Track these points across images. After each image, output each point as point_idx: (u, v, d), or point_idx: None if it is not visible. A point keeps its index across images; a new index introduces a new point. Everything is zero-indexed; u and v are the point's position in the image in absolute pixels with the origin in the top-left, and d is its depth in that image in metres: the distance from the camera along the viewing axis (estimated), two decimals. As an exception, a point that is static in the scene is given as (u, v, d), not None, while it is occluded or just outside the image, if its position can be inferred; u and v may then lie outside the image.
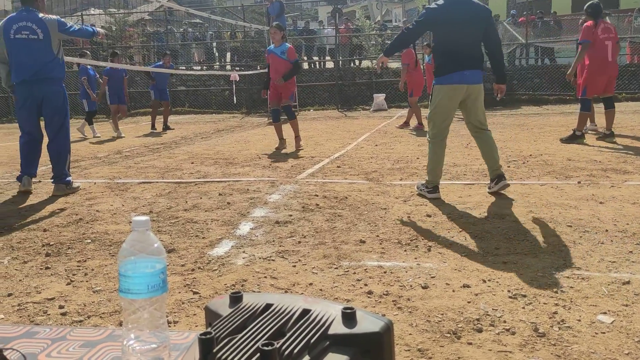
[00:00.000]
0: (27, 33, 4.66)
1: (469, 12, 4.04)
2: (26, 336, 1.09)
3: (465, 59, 4.05)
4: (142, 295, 0.91)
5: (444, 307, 2.24)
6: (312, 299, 0.93)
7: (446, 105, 4.14)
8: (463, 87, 4.07)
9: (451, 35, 4.06)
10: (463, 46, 4.04)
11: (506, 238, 3.16)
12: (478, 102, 4.17)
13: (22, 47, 4.68)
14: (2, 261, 3.00)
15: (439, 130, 4.21)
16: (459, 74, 4.05)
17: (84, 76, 10.28)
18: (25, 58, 4.69)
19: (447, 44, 4.09)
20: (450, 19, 4.03)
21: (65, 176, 4.90)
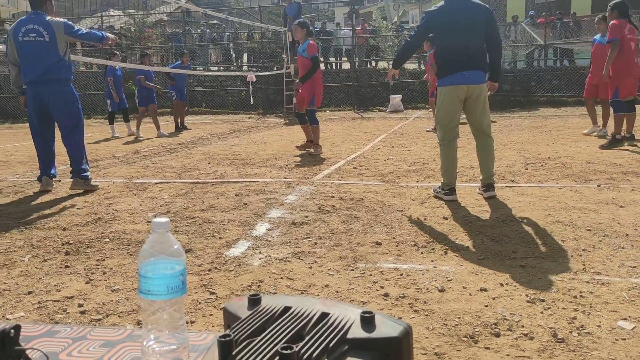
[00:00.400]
0: (34, 35, 4.76)
1: (469, 13, 4.06)
2: (47, 335, 1.10)
3: (466, 60, 4.08)
4: (161, 296, 0.92)
5: (460, 311, 2.23)
6: (331, 302, 0.93)
7: (449, 106, 4.17)
8: (463, 88, 4.10)
9: (451, 37, 4.08)
10: (463, 47, 4.06)
11: (524, 241, 3.13)
12: (478, 102, 4.16)
13: (30, 49, 4.78)
14: (23, 259, 3.04)
15: (446, 132, 4.23)
16: (459, 75, 4.09)
17: (110, 76, 10.38)
18: (32, 60, 4.80)
19: (447, 46, 4.12)
20: (450, 21, 4.07)
21: (84, 171, 4.98)
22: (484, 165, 4.24)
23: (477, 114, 4.18)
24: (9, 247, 3.29)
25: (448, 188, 4.21)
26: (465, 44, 4.05)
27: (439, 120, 4.28)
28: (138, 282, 0.91)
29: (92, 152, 7.99)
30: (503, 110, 12.93)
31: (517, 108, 13.77)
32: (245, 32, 19.54)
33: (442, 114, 4.22)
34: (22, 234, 3.57)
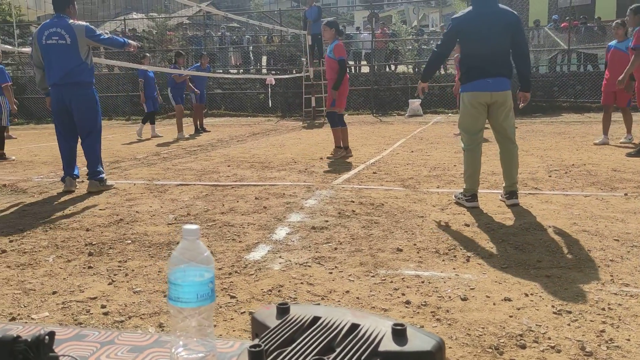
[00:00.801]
0: (57, 38, 4.85)
1: (496, 19, 4.02)
2: (76, 339, 1.10)
3: (490, 67, 4.04)
4: (191, 304, 0.91)
5: (484, 321, 2.19)
6: (361, 312, 0.92)
7: (472, 112, 4.13)
8: (487, 95, 4.07)
9: (477, 43, 4.04)
10: (489, 54, 4.02)
11: (549, 250, 3.08)
12: (502, 109, 4.11)
13: (53, 52, 4.87)
14: (48, 259, 3.08)
15: (470, 138, 4.19)
16: (483, 82, 4.06)
17: (141, 78, 10.49)
18: (55, 62, 4.89)
19: (473, 52, 4.08)
20: (475, 28, 4.03)
21: (99, 173, 5.08)
22: (508, 172, 4.19)
23: (500, 120, 4.13)
24: (34, 246, 3.33)
25: (470, 194, 4.17)
26: (491, 50, 4.02)
27: (462, 126, 4.25)
28: (168, 289, 0.91)
29: (113, 153, 8.09)
30: (525, 115, 12.78)
31: (539, 113, 13.59)
32: (265, 35, 19.63)
33: (466, 120, 4.19)
34: (47, 234, 3.61)
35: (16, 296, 2.54)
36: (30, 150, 9.02)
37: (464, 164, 4.28)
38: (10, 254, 3.20)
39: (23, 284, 2.69)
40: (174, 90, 10.59)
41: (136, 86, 17.30)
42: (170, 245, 3.31)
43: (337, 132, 7.04)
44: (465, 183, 4.23)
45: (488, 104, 4.10)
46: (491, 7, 4.05)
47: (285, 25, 19.34)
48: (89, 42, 4.94)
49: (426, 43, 18.47)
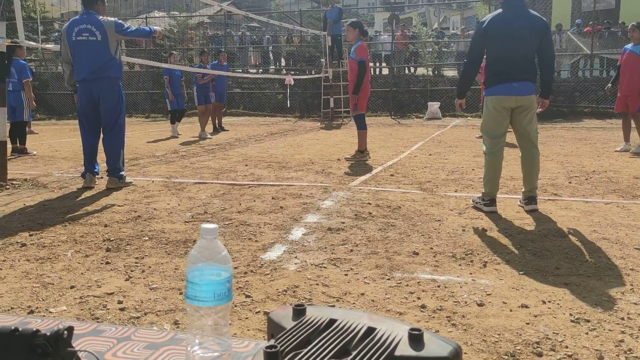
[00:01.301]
0: (87, 35, 4.92)
1: (523, 23, 3.97)
2: (93, 334, 1.11)
3: (516, 71, 4.00)
4: (208, 303, 0.92)
5: (500, 327, 2.17)
6: (377, 316, 0.91)
7: (495, 116, 4.09)
8: (512, 99, 4.02)
9: (503, 47, 4.00)
10: (514, 58, 3.99)
11: (568, 258, 3.04)
12: (527, 113, 4.07)
13: (83, 48, 4.94)
14: (66, 254, 3.12)
15: (492, 142, 4.16)
16: (508, 86, 4.01)
17: (166, 75, 10.57)
18: (85, 58, 4.96)
19: (499, 56, 4.04)
20: (503, 31, 3.98)
21: (119, 170, 5.14)
22: (528, 177, 4.14)
23: (524, 124, 4.09)
24: (54, 241, 3.38)
25: (489, 199, 4.13)
26: (519, 55, 3.98)
27: (485, 130, 4.21)
28: (185, 287, 0.92)
29: (133, 150, 8.17)
30: (545, 120, 12.63)
31: (560, 119, 13.43)
32: (285, 35, 19.68)
33: (489, 124, 4.15)
34: (66, 229, 3.66)
35: (35, 289, 2.57)
36: (51, 145, 9.15)
37: (484, 168, 4.24)
38: (30, 247, 3.25)
39: (42, 278, 2.73)
40: (199, 89, 10.66)
41: (156, 84, 17.53)
42: (187, 243, 3.33)
43: (364, 135, 6.97)
44: (484, 187, 4.20)
45: (512, 108, 4.05)
46: (520, 11, 4.01)
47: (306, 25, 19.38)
48: (118, 37, 5.02)
49: (446, 46, 18.37)
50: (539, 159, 4.20)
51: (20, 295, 2.50)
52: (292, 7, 39.99)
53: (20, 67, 8.12)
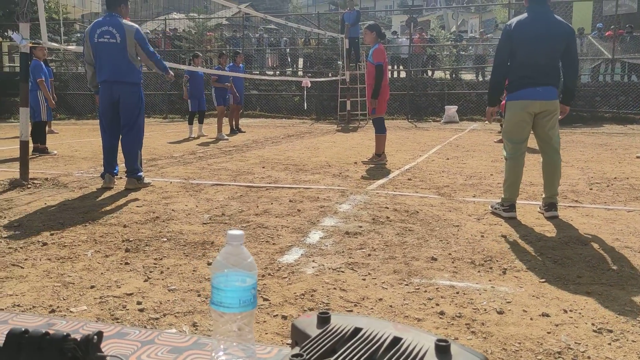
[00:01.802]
0: (108, 37, 4.98)
1: (549, 28, 3.93)
2: (117, 336, 1.12)
3: (540, 76, 3.95)
4: (233, 309, 0.92)
5: (521, 336, 2.14)
6: (403, 326, 0.90)
7: (518, 121, 4.04)
8: (536, 103, 3.98)
9: (528, 51, 3.95)
10: (539, 63, 3.94)
11: (589, 266, 2.99)
12: (550, 118, 4.02)
13: (103, 50, 5.01)
14: (86, 253, 3.15)
15: (514, 147, 4.11)
16: (532, 90, 3.97)
17: (186, 74, 10.65)
18: (106, 60, 5.03)
19: (524, 60, 3.98)
20: (530, 35, 3.93)
21: (137, 171, 5.19)
22: (549, 183, 4.09)
23: (547, 129, 4.04)
24: (74, 240, 3.42)
25: (508, 204, 4.09)
26: (544, 59, 3.94)
27: (507, 135, 4.16)
28: (211, 293, 0.92)
29: (151, 151, 8.24)
30: (565, 125, 12.48)
31: (580, 124, 13.27)
32: (302, 37, 19.72)
33: (511, 129, 4.11)
34: (86, 229, 3.70)
35: (56, 289, 2.60)
36: (71, 145, 9.27)
37: (505, 173, 4.20)
38: (51, 246, 3.29)
39: (63, 277, 2.76)
40: (217, 90, 10.71)
41: (174, 85, 17.66)
42: (205, 245, 3.35)
43: (382, 139, 6.94)
44: (504, 192, 4.15)
45: (536, 113, 4.01)
46: (546, 15, 3.96)
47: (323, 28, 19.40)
48: (136, 44, 5.04)
49: (464, 49, 18.25)
50: (561, 164, 4.14)
51: (42, 294, 2.53)
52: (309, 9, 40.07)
53: (33, 67, 8.09)
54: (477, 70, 17.20)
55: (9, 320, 1.13)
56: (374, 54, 6.71)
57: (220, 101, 10.77)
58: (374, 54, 6.71)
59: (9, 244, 3.32)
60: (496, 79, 4.19)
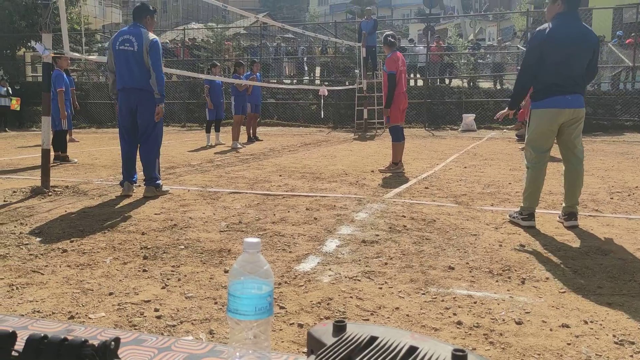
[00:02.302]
0: (127, 45, 5.06)
1: (580, 37, 3.87)
2: (134, 343, 1.13)
3: (570, 83, 3.90)
4: (249, 316, 0.92)
5: (540, 347, 2.11)
6: (419, 335, 0.90)
7: (545, 129, 3.98)
8: (565, 112, 3.92)
9: (559, 59, 3.87)
10: (571, 70, 3.88)
11: (610, 276, 2.94)
12: (576, 127, 3.98)
13: (122, 58, 5.09)
14: (105, 260, 3.19)
15: (537, 156, 4.04)
16: (562, 98, 3.90)
17: (207, 84, 10.79)
18: (124, 68, 5.10)
19: (553, 67, 3.90)
20: (562, 42, 3.86)
21: (155, 179, 5.23)
22: (571, 191, 4.02)
23: (572, 137, 3.99)
24: (93, 247, 3.46)
25: (527, 213, 4.03)
26: (575, 67, 3.88)
27: (532, 143, 4.06)
28: (227, 300, 0.92)
29: (169, 159, 8.32)
30: (585, 134, 12.26)
31: (600, 132, 13.09)
32: (320, 46, 19.81)
33: (537, 138, 4.02)
34: (105, 236, 3.75)
35: (75, 295, 2.63)
36: (91, 153, 9.40)
37: (525, 182, 4.12)
38: (71, 253, 3.34)
39: (82, 284, 2.79)
40: (237, 99, 10.80)
41: (192, 94, 17.86)
42: (222, 253, 3.36)
43: (397, 147, 6.92)
44: (523, 201, 4.10)
45: (564, 121, 3.94)
46: (577, 23, 3.91)
47: (340, 37, 19.47)
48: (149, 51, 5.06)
49: (482, 57, 18.16)
50: (583, 174, 4.08)
51: (61, 301, 2.56)
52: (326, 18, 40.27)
53: (54, 76, 8.16)
54: (495, 78, 17.09)
55: (28, 326, 1.15)
56: (387, 63, 6.77)
57: (239, 110, 10.85)
58: (387, 62, 6.77)
59: (30, 251, 3.38)
60: (524, 82, 4.09)
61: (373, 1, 35.54)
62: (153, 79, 5.08)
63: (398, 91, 6.70)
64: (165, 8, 48.96)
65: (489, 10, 35.26)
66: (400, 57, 6.83)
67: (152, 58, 5.05)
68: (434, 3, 19.98)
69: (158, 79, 5.11)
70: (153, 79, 5.09)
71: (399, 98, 6.76)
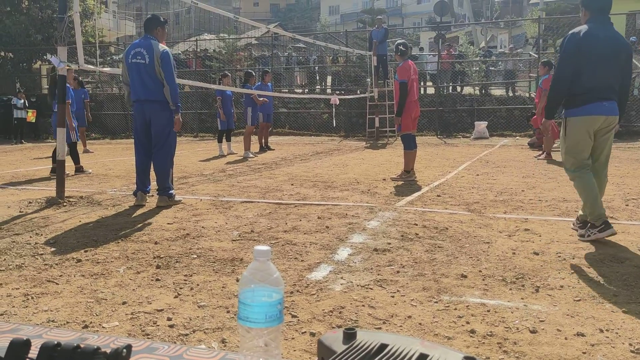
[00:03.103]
0: (139, 58, 5.12)
1: (615, 41, 3.79)
2: (147, 351, 1.14)
3: (605, 90, 3.78)
4: (259, 324, 0.93)
5: (555, 356, 2.09)
6: (430, 343, 0.89)
7: (582, 137, 3.82)
8: (601, 119, 3.79)
9: (597, 64, 3.75)
10: (605, 76, 3.78)
11: (626, 285, 2.90)
12: (610, 135, 3.87)
13: (135, 71, 5.15)
14: (119, 270, 3.22)
15: (581, 165, 3.87)
16: (598, 105, 3.78)
17: (218, 96, 10.95)
18: (137, 80, 5.16)
19: (589, 73, 3.76)
20: (598, 47, 3.74)
21: (168, 189, 5.27)
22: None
23: (604, 145, 3.89)
24: (107, 257, 3.49)
25: (601, 223, 3.73)
26: (611, 73, 3.80)
27: (572, 153, 3.88)
28: (238, 308, 0.93)
29: (181, 169, 8.38)
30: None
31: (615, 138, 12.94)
32: (331, 55, 19.88)
33: (576, 147, 3.86)
34: (118, 246, 3.78)
35: (89, 304, 2.66)
36: (105, 164, 9.50)
37: (581, 193, 3.91)
38: (85, 263, 3.37)
39: (96, 293, 2.82)
40: (253, 110, 10.86)
41: (204, 104, 17.99)
42: (234, 262, 3.37)
43: (409, 155, 6.89)
44: (589, 215, 3.81)
45: (600, 128, 3.83)
46: (611, 27, 3.82)
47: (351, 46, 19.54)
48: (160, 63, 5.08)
49: (494, 64, 18.11)
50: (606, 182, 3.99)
51: (76, 310, 2.58)
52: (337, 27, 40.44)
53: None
54: (507, 85, 17.02)
55: (43, 335, 1.16)
56: (398, 71, 6.78)
57: (253, 120, 10.92)
58: (398, 71, 6.77)
59: (44, 261, 3.41)
60: (560, 90, 3.87)
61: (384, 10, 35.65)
62: (167, 90, 5.12)
63: (409, 99, 6.69)
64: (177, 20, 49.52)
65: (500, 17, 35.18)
66: (412, 66, 6.84)
67: (164, 69, 5.09)
68: (445, 11, 19.98)
69: (171, 90, 5.15)
70: (167, 91, 5.13)
71: (410, 106, 6.76)
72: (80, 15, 5.90)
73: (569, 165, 3.94)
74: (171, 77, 5.16)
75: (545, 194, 5.74)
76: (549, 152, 9.37)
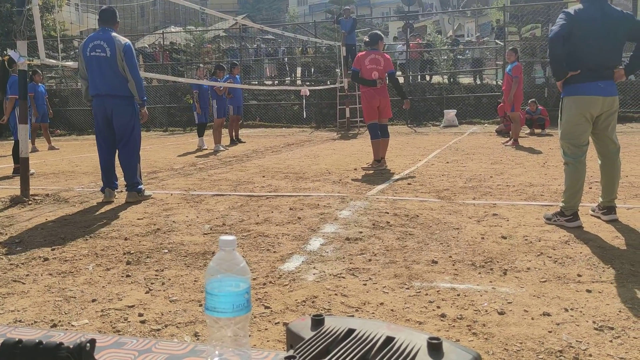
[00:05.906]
0: (99, 51, 4.98)
1: (610, 20, 3.65)
2: (115, 346, 1.13)
3: (601, 69, 3.68)
4: (226, 314, 0.93)
5: (522, 336, 2.14)
6: (396, 326, 0.91)
7: (580, 121, 3.73)
8: (598, 99, 3.68)
9: (590, 41, 3.63)
10: (601, 56, 3.67)
11: (589, 265, 2.99)
12: (612, 118, 3.79)
13: (95, 64, 5.01)
14: (88, 267, 3.16)
15: (577, 150, 3.77)
16: (593, 85, 3.68)
17: (195, 89, 10.83)
18: (97, 74, 5.02)
19: (583, 51, 3.65)
20: (591, 23, 3.64)
21: (137, 184, 5.19)
22: (610, 186, 3.87)
23: (608, 130, 3.81)
24: (75, 255, 3.43)
25: (571, 213, 3.76)
26: (605, 54, 3.67)
27: (567, 135, 3.81)
28: (205, 299, 0.93)
29: (151, 163, 8.27)
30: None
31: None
32: (300, 46, 19.81)
33: (573, 130, 3.77)
34: (87, 243, 3.71)
35: (57, 303, 2.61)
36: (71, 160, 9.30)
37: (567, 180, 3.83)
38: (52, 261, 3.30)
39: (64, 292, 2.77)
40: (218, 102, 10.75)
41: (173, 98, 17.74)
42: (206, 255, 3.35)
43: (375, 145, 6.96)
44: (565, 200, 3.81)
45: (598, 113, 3.74)
46: (607, 5, 3.71)
47: (320, 36, 19.48)
48: (123, 57, 4.97)
49: (462, 53, 18.30)
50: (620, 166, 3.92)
51: (44, 309, 2.54)
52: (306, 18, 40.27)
53: (11, 82, 7.84)
54: (475, 73, 17.24)
55: (7, 334, 1.14)
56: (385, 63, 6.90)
57: (221, 113, 10.81)
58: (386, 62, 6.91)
59: (10, 261, 3.34)
60: (555, 51, 3.70)
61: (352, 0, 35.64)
62: (132, 84, 5.03)
63: (368, 89, 6.77)
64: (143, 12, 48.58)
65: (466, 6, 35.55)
66: (370, 55, 6.85)
67: (128, 63, 4.98)
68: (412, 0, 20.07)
69: (137, 84, 5.06)
70: (132, 85, 5.03)
71: (370, 95, 6.81)
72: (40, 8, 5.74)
73: (566, 152, 3.85)
74: (135, 70, 5.05)
75: (512, 179, 5.86)
76: (517, 139, 9.55)
